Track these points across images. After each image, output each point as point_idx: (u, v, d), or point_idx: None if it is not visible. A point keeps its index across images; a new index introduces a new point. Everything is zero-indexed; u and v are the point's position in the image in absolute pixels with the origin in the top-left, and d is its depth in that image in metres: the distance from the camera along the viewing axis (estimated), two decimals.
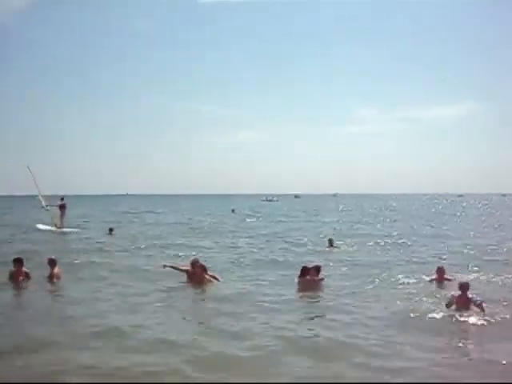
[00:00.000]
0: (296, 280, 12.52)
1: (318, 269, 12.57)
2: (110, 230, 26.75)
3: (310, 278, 12.37)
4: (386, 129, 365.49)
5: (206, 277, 12.59)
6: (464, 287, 9.72)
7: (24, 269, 12.60)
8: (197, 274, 12.56)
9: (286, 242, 23.07)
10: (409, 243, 21.98)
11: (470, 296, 9.59)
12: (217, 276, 12.90)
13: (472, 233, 27.42)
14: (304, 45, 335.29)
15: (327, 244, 20.02)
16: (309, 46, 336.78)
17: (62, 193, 31.95)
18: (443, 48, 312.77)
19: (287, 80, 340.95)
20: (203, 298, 11.57)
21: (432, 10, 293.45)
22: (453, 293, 10.00)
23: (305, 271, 12.52)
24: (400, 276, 13.50)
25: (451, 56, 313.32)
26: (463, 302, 9.52)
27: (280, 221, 40.16)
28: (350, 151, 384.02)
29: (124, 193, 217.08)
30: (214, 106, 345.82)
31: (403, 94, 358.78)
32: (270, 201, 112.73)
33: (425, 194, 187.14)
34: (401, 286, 12.38)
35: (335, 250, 19.52)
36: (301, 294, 11.78)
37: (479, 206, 76.60)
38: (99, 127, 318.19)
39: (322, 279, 12.52)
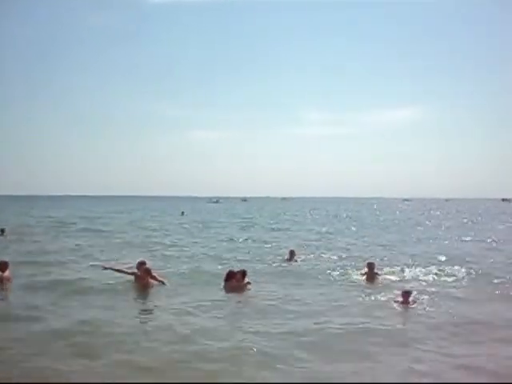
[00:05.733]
0: (222, 284, 12.74)
1: (243, 273, 12.81)
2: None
3: (235, 282, 12.61)
4: (333, 132, 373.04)
5: (151, 281, 12.48)
6: (406, 295, 11.04)
7: None
8: (141, 278, 12.41)
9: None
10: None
11: (410, 300, 10.98)
12: (164, 280, 12.75)
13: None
14: (254, 46, 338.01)
15: (288, 256, 18.18)
16: (259, 47, 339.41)
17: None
18: (393, 52, 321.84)
19: (237, 81, 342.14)
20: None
21: (385, 12, 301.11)
22: (398, 299, 11.15)
23: (230, 275, 12.76)
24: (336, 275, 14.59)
25: (401, 59, 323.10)
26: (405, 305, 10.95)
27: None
28: (299, 154, 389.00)
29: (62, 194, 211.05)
30: (163, 105, 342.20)
31: (353, 97, 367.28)
32: (216, 202, 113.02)
33: (370, 198, 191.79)
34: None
35: (295, 262, 17.60)
36: (226, 297, 12.02)
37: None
38: (50, 126, 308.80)
39: (248, 283, 12.74)
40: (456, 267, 15.87)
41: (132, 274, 12.81)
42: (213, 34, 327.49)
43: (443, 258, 18.49)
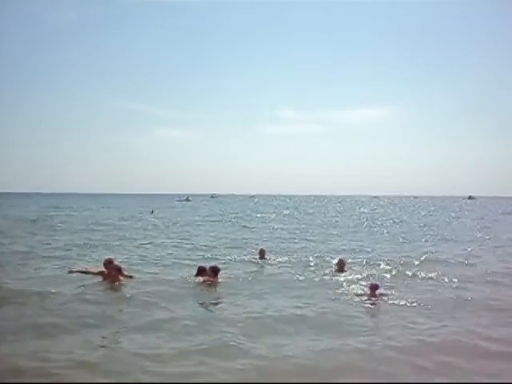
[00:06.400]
0: (192, 279, 12.67)
1: (214, 270, 12.72)
2: None
3: (205, 278, 12.51)
4: (305, 130, 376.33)
5: (121, 278, 12.34)
6: (373, 288, 11.39)
7: None
8: (111, 276, 12.24)
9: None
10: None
11: (377, 293, 11.37)
12: (132, 275, 12.73)
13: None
14: (227, 43, 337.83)
15: (258, 255, 17.71)
16: (232, 44, 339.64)
17: None
18: (364, 51, 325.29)
19: (209, 79, 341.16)
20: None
21: (357, 12, 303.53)
22: (367, 292, 11.52)
23: (201, 271, 12.67)
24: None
25: (372, 59, 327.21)
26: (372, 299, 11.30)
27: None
28: (270, 152, 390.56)
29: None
30: (133, 102, 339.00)
31: (324, 96, 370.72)
32: (186, 200, 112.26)
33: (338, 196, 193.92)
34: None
35: (265, 261, 17.14)
36: (193, 299, 11.65)
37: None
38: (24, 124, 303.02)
39: (218, 282, 12.58)
40: (425, 267, 15.82)
41: (99, 273, 12.40)
42: (193, 32, 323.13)
43: (412, 257, 18.59)
